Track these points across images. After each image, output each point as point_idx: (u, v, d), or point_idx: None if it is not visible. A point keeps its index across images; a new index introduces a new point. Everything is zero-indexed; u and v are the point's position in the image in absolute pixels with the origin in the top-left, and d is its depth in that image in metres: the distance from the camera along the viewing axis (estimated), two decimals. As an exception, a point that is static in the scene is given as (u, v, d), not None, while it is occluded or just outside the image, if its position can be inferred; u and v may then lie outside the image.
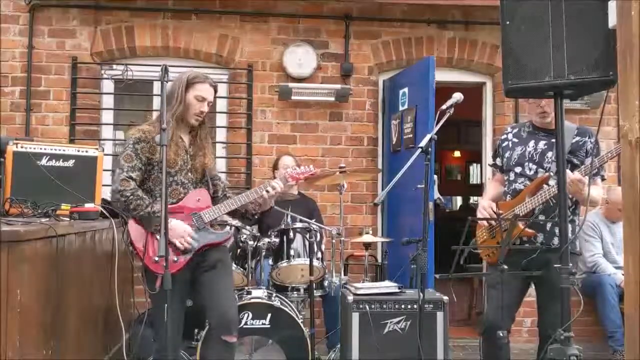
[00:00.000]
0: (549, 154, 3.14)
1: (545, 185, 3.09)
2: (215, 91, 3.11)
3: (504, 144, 3.35)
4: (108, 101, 5.13)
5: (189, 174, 3.02)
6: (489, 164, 3.63)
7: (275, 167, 4.65)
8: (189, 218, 2.98)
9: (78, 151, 3.49)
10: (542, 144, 3.18)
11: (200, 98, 3.00)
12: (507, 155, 3.30)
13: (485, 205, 3.24)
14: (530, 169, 3.18)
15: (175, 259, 2.91)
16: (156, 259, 2.80)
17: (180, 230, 2.92)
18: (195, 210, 3.01)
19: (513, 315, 3.05)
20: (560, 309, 3.01)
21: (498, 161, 3.40)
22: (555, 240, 3.10)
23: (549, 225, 3.11)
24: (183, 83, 2.98)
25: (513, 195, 3.20)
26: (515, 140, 3.29)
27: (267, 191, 3.09)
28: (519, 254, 3.05)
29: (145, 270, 2.88)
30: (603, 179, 3.28)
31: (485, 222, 3.22)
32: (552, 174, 3.08)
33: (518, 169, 3.22)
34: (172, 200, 2.95)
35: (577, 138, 3.17)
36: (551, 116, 3.13)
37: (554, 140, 3.11)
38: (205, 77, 3.06)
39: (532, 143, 3.21)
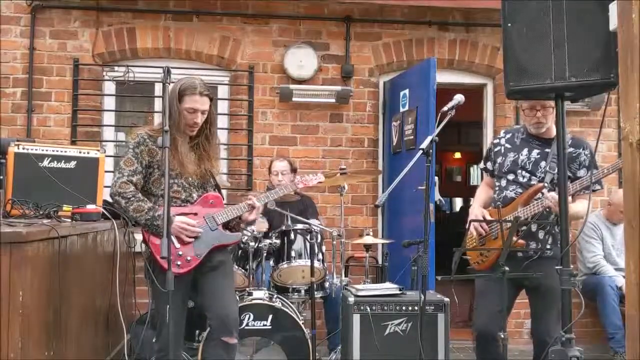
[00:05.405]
0: (542, 163, 3.09)
1: (540, 194, 3.04)
2: (210, 98, 3.00)
3: (496, 149, 3.30)
4: (109, 102, 5.14)
5: (190, 178, 3.01)
6: (480, 168, 3.58)
7: (270, 170, 4.58)
8: (202, 220, 2.98)
9: (79, 152, 3.50)
10: (535, 153, 3.13)
11: (191, 110, 2.93)
12: (499, 161, 3.25)
13: (477, 214, 3.19)
14: (523, 177, 3.13)
15: (189, 258, 2.91)
16: (179, 261, 2.85)
17: (178, 223, 2.86)
18: (208, 212, 3.01)
19: (502, 322, 2.87)
20: (552, 316, 3.01)
21: (489, 165, 3.36)
22: (548, 251, 3.06)
23: (541, 234, 3.09)
24: (176, 95, 2.91)
25: (504, 203, 3.13)
26: (508, 146, 3.23)
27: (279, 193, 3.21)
28: (513, 261, 2.94)
29: (154, 269, 2.86)
30: (598, 189, 3.14)
31: (483, 227, 3.18)
32: (546, 184, 3.04)
33: (511, 177, 3.17)
34: (174, 202, 2.95)
35: (571, 149, 3.07)
36: (546, 126, 3.10)
37: (547, 150, 3.10)
38: (194, 87, 2.93)
39: (525, 151, 3.16)
